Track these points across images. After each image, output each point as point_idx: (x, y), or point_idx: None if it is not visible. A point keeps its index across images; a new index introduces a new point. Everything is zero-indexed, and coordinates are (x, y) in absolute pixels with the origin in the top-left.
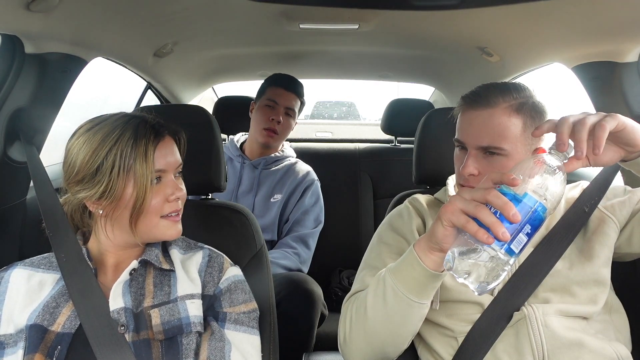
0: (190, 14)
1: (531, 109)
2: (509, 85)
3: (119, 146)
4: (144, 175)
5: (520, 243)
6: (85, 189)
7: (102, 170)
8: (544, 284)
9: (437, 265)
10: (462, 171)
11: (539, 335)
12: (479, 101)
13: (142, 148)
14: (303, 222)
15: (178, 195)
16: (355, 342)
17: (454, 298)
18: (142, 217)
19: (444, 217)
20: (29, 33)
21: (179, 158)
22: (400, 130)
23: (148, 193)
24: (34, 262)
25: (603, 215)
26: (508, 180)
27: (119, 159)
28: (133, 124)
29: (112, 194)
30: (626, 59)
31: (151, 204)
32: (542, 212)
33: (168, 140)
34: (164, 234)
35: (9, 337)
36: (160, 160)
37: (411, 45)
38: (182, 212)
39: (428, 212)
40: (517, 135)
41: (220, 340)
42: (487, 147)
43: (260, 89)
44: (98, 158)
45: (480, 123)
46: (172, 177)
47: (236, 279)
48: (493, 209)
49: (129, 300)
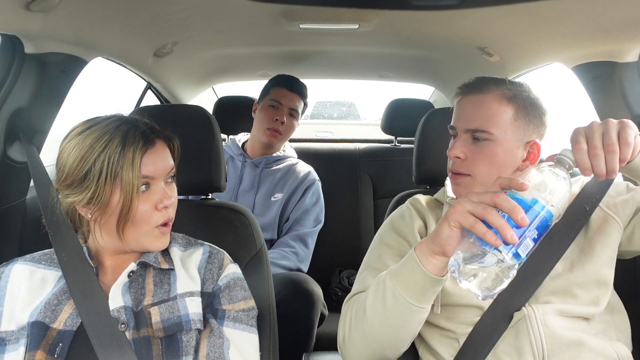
0: (190, 14)
1: (525, 101)
2: (505, 79)
3: (107, 152)
4: (130, 182)
5: (527, 248)
6: (74, 193)
7: (89, 176)
8: (545, 287)
9: (438, 269)
10: (448, 152)
11: (539, 335)
12: (473, 87)
13: (129, 155)
14: (303, 222)
15: (167, 203)
16: (354, 343)
17: (455, 302)
18: (129, 225)
19: (452, 217)
20: (28, 33)
21: (170, 164)
22: (400, 130)
23: (134, 200)
24: (34, 258)
25: (606, 215)
26: (517, 184)
27: (107, 165)
28: (122, 130)
29: (100, 201)
30: (626, 59)
31: (138, 212)
32: (549, 219)
33: (159, 146)
34: (151, 244)
35: (11, 333)
36: (148, 167)
37: (411, 45)
38: (182, 213)
39: (429, 213)
40: (507, 122)
41: (219, 337)
42: (475, 130)
43: (264, 89)
44: (86, 164)
45: (471, 107)
46: (161, 185)
47: (235, 276)
48: (501, 212)
49: (128, 299)
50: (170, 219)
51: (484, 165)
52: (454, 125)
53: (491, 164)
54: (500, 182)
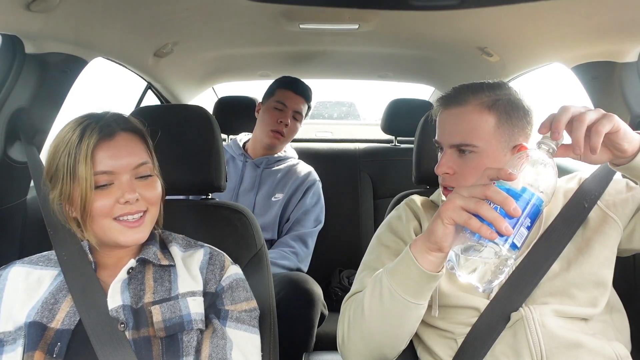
0: (190, 14)
1: (506, 106)
2: (482, 85)
3: (67, 148)
4: (84, 177)
5: (521, 237)
6: (52, 189)
7: (57, 172)
8: (542, 288)
9: (433, 266)
10: (436, 170)
11: (537, 336)
12: (451, 100)
13: (84, 149)
14: (303, 222)
15: (128, 197)
16: (353, 342)
17: (452, 304)
18: (89, 219)
19: (445, 215)
20: (29, 33)
21: (137, 158)
22: (400, 130)
23: (89, 196)
24: (32, 260)
25: (605, 215)
26: (505, 175)
27: (67, 160)
28: (84, 125)
29: (66, 196)
30: (626, 59)
31: (95, 207)
32: (540, 205)
33: (120, 139)
34: (117, 238)
35: (8, 334)
36: (106, 162)
37: (411, 46)
38: (182, 212)
39: (424, 214)
40: (489, 132)
41: (222, 338)
42: (459, 145)
43: (269, 90)
44: (55, 160)
45: (451, 121)
46: (125, 179)
47: (237, 277)
48: (492, 204)
49: (127, 297)
50: (136, 212)
51: (472, 177)
52: (438, 140)
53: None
54: (488, 174)
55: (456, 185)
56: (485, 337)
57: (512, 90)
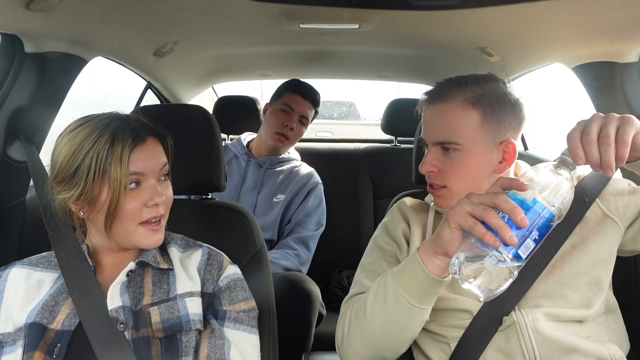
0: (190, 13)
1: (491, 100)
2: (467, 78)
3: (95, 149)
4: (117, 179)
5: (527, 249)
6: (65, 190)
7: (79, 173)
8: (535, 289)
9: (440, 270)
10: (420, 168)
11: (530, 341)
12: (434, 96)
13: (118, 151)
14: (305, 224)
15: (157, 200)
16: (353, 343)
17: (445, 307)
18: (116, 222)
19: (452, 219)
20: (28, 32)
21: (162, 161)
22: (400, 130)
23: (122, 198)
24: (32, 261)
25: (605, 216)
26: (517, 185)
27: (95, 162)
28: (113, 127)
29: (88, 197)
30: (627, 59)
31: (126, 209)
32: (550, 220)
33: (150, 143)
34: (141, 242)
35: (8, 335)
36: (138, 164)
37: (411, 45)
38: (182, 212)
39: (413, 216)
40: (474, 128)
41: (220, 338)
42: (442, 143)
43: (277, 92)
44: (76, 160)
45: (435, 118)
46: (152, 182)
47: (235, 277)
48: (501, 213)
49: (127, 299)
50: (160, 217)
51: (457, 175)
52: (422, 138)
53: (465, 173)
54: (501, 183)
55: (441, 183)
56: (478, 340)
57: (499, 83)
